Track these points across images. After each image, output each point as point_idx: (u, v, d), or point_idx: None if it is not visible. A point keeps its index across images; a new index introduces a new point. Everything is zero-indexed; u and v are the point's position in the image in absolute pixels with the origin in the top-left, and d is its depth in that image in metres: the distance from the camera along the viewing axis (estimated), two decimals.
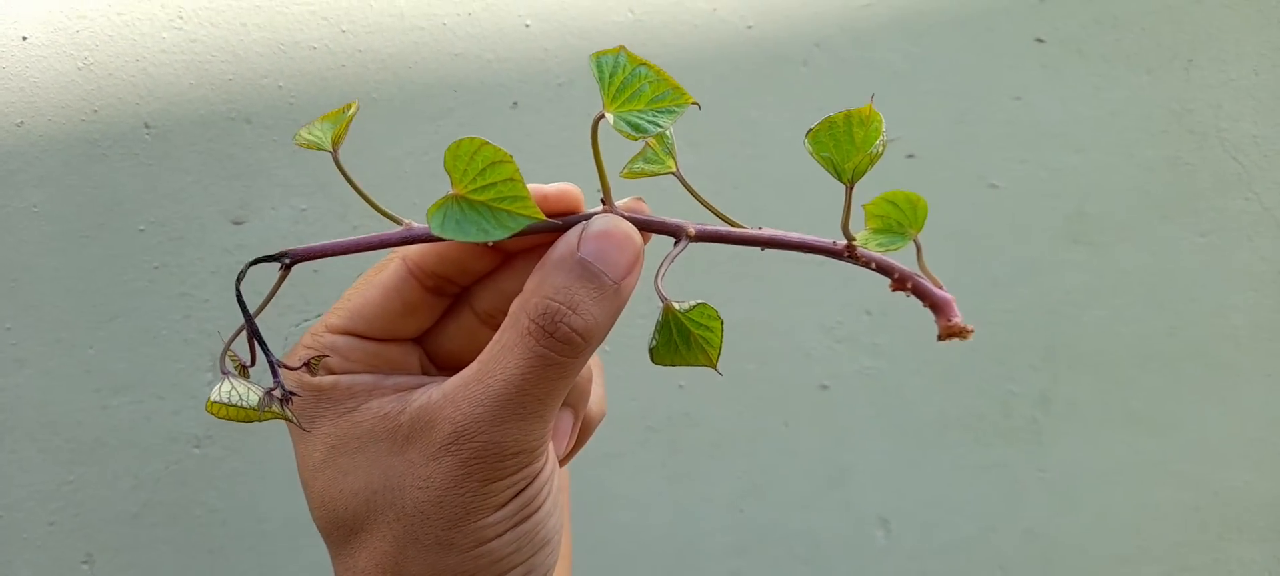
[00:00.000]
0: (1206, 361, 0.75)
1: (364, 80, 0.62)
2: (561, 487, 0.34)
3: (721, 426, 0.71)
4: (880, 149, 0.31)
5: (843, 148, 0.31)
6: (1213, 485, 0.77)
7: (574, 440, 0.35)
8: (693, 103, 0.30)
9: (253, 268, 0.30)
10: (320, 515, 0.32)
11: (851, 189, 0.31)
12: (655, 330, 0.31)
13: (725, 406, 0.71)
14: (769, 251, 0.33)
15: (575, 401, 0.35)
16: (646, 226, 0.31)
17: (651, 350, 0.31)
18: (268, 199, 0.63)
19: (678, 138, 0.65)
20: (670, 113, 0.30)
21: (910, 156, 0.70)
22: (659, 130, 0.30)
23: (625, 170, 0.32)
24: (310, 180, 0.63)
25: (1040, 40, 0.70)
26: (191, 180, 0.62)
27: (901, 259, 0.34)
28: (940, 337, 0.33)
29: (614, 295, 0.30)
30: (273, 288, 0.30)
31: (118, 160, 0.61)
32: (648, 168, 0.33)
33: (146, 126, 0.61)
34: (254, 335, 0.30)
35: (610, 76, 0.30)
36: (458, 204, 0.29)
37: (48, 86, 0.60)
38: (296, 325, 0.65)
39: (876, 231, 0.32)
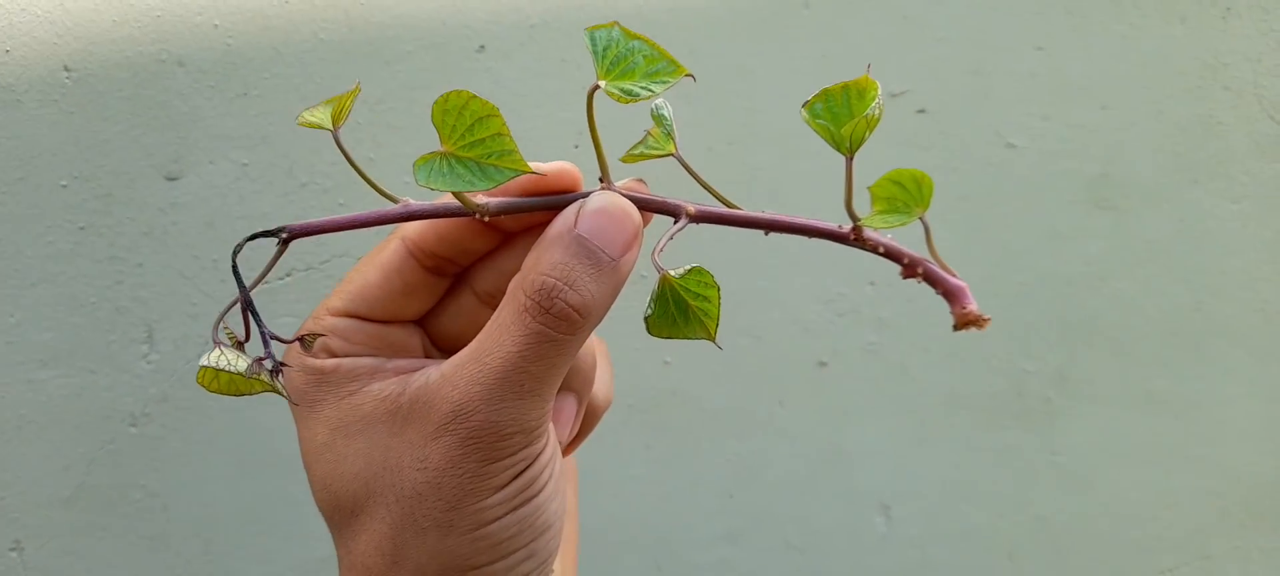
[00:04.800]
0: (1234, 338, 0.70)
1: (310, 18, 0.56)
2: (565, 474, 0.34)
3: (711, 405, 0.66)
4: (876, 112, 0.30)
5: (841, 120, 0.30)
6: (1235, 470, 0.72)
7: (577, 426, 0.35)
8: (687, 74, 0.30)
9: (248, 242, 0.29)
10: (322, 498, 0.32)
11: (851, 161, 0.30)
12: (651, 299, 0.31)
13: (715, 384, 0.65)
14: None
15: (578, 386, 0.35)
16: (645, 205, 0.31)
17: (647, 319, 0.31)
18: (205, 152, 0.56)
19: (669, 91, 0.58)
20: (664, 82, 0.30)
21: (920, 111, 0.64)
22: (651, 95, 0.30)
23: (626, 154, 0.32)
24: (251, 131, 0.57)
25: None
26: (119, 130, 0.55)
27: (909, 242, 0.32)
28: (956, 327, 0.32)
29: (612, 272, 0.30)
30: (269, 262, 0.29)
31: (35, 107, 0.55)
32: (649, 151, 0.33)
33: (66, 69, 0.55)
34: (248, 307, 0.29)
35: (604, 51, 0.30)
36: (445, 160, 0.29)
37: None
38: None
39: (883, 213, 0.32)
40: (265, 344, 0.29)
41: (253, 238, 0.30)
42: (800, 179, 0.63)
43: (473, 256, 0.34)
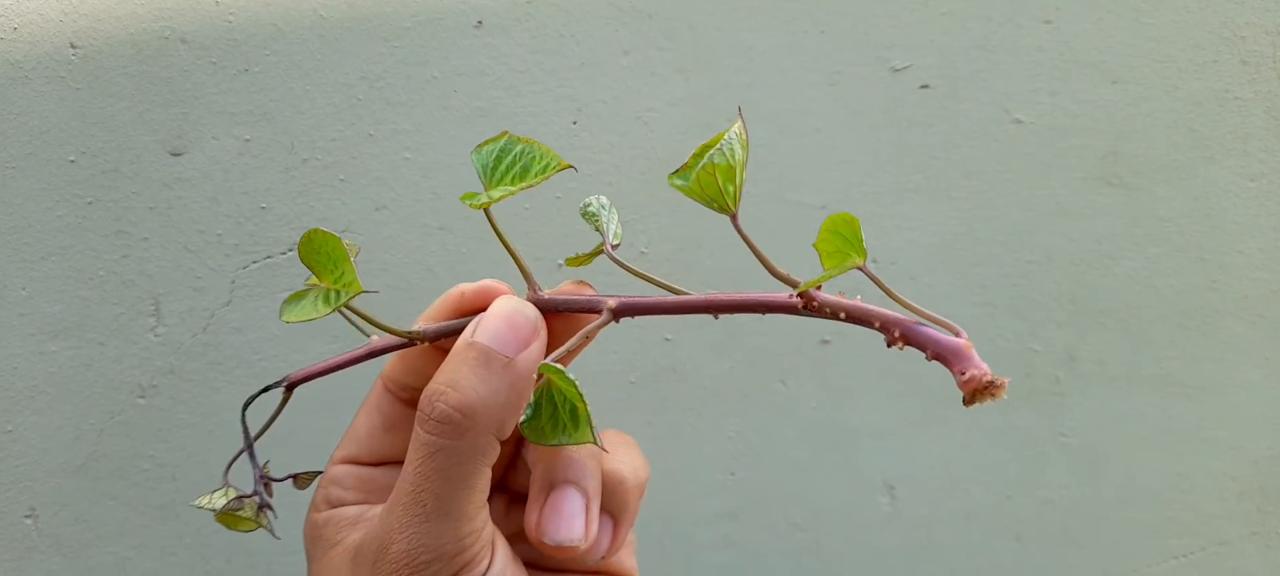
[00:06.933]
0: (1250, 319, 0.68)
1: None
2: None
3: (712, 383, 0.66)
4: (729, 157, 0.28)
5: (706, 185, 0.29)
6: (1252, 453, 0.70)
7: (617, 540, 0.33)
8: (566, 166, 0.31)
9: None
10: None
11: (736, 220, 0.28)
12: (529, 406, 0.30)
13: (716, 361, 0.65)
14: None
15: (575, 476, 0.32)
16: (563, 307, 0.32)
17: (522, 426, 0.30)
18: (208, 127, 0.57)
19: (665, 63, 0.58)
20: (541, 175, 0.31)
21: (924, 87, 0.63)
22: (531, 186, 0.31)
23: (568, 260, 0.34)
24: (253, 108, 0.57)
25: None
26: (124, 106, 0.56)
27: (885, 301, 0.28)
28: (966, 403, 0.26)
29: (504, 370, 0.29)
30: (273, 413, 0.32)
31: (42, 83, 0.56)
32: (584, 255, 0.34)
33: (72, 46, 0.56)
34: (249, 452, 0.32)
35: (487, 167, 0.31)
36: (317, 291, 0.31)
37: None
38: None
39: (833, 268, 0.28)
40: (256, 484, 0.31)
41: (260, 393, 0.32)
42: (802, 156, 0.63)
43: None
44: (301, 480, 0.32)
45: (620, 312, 0.32)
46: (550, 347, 0.32)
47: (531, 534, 0.31)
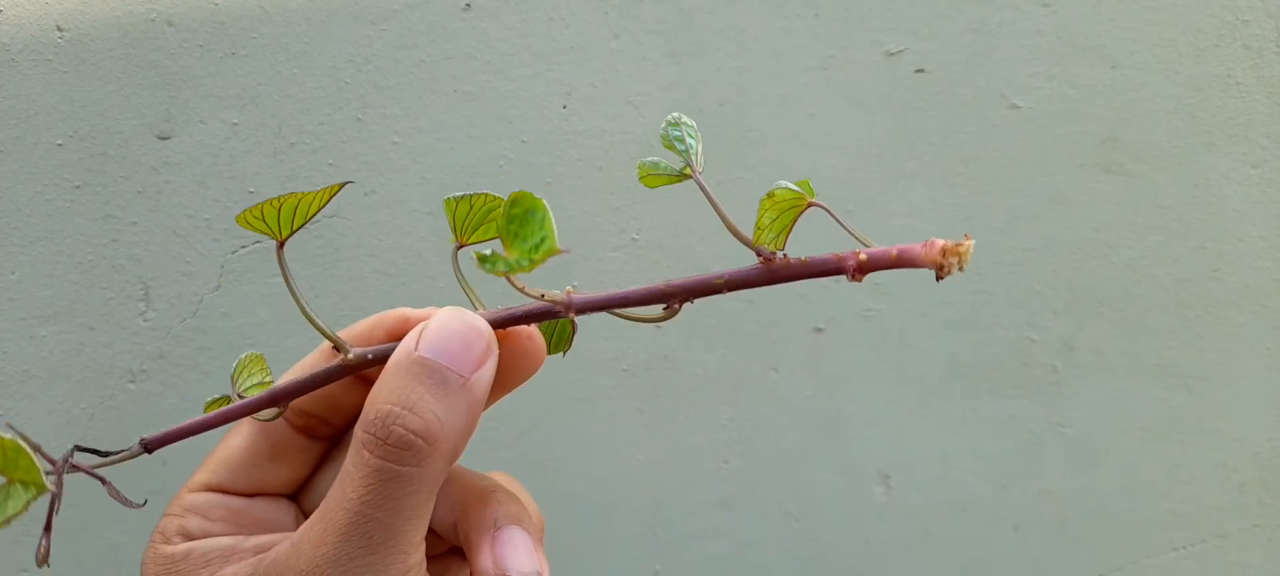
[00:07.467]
0: (1252, 308, 0.67)
1: None
2: None
3: (705, 371, 0.65)
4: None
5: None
6: (1253, 444, 0.69)
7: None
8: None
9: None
10: None
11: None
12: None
13: (709, 349, 0.65)
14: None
15: (515, 516, 0.30)
16: (517, 319, 0.28)
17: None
18: (195, 111, 0.57)
19: (656, 46, 0.57)
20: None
21: (919, 71, 0.62)
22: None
23: (647, 177, 0.30)
24: (240, 91, 0.57)
25: None
26: (111, 89, 0.56)
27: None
28: (940, 275, 0.26)
29: (461, 390, 0.26)
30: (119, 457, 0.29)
31: (29, 66, 0.56)
32: (665, 175, 0.30)
33: (59, 28, 0.55)
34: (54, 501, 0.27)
35: (459, 218, 0.30)
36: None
37: None
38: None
39: (773, 223, 0.28)
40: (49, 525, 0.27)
41: (118, 457, 0.29)
42: (794, 143, 0.62)
43: (346, 416, 0.31)
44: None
45: (582, 309, 0.29)
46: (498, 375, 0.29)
47: (486, 571, 0.29)
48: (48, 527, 0.27)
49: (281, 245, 0.28)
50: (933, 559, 0.69)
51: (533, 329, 0.30)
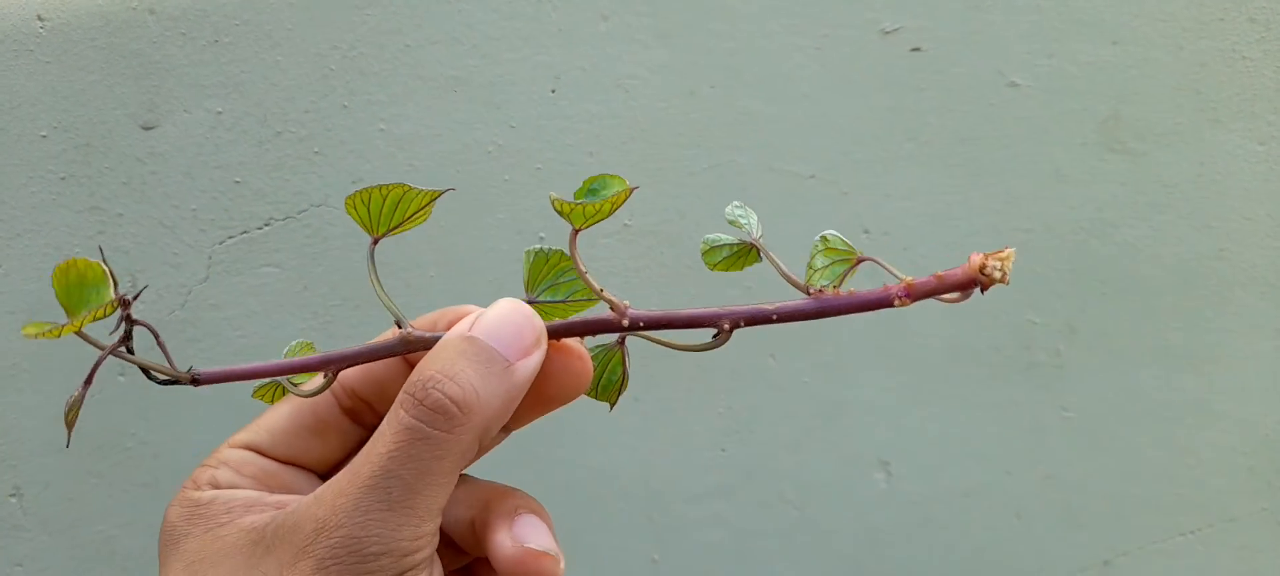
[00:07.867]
0: (1260, 288, 0.66)
1: None
2: None
3: (701, 358, 0.64)
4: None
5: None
6: (1261, 427, 0.68)
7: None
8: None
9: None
10: None
11: (375, 243, 0.30)
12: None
13: (705, 335, 0.64)
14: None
15: (535, 508, 0.31)
16: (571, 330, 0.30)
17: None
18: (179, 100, 0.56)
19: (646, 28, 0.56)
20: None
21: (915, 50, 0.61)
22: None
23: (714, 262, 0.32)
24: (224, 79, 0.56)
25: None
26: (94, 79, 0.56)
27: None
28: (984, 289, 0.27)
29: (504, 374, 0.27)
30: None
31: (10, 57, 0.55)
32: (734, 258, 0.32)
33: (40, 18, 0.55)
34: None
35: (535, 270, 0.31)
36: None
37: None
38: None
39: (825, 269, 0.30)
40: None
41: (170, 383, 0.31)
42: (789, 124, 0.61)
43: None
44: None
45: (634, 327, 0.31)
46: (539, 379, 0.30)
47: (505, 549, 0.29)
48: (89, 381, 0.29)
49: (375, 242, 0.30)
50: (934, 547, 0.68)
51: (584, 351, 0.30)
